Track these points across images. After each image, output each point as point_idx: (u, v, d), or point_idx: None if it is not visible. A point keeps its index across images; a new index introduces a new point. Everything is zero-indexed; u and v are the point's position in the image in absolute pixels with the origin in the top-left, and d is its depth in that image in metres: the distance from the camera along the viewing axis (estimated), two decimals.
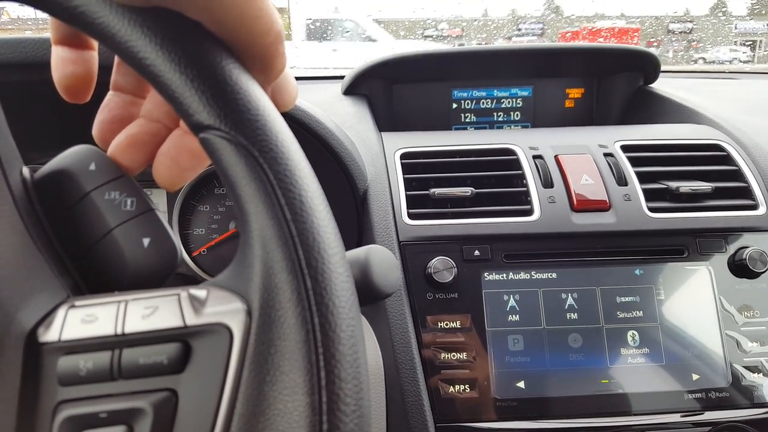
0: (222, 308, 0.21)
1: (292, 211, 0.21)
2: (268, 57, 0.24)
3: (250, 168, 0.21)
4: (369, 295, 0.29)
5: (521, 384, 0.54)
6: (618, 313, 0.57)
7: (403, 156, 0.66)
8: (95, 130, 0.28)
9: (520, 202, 0.62)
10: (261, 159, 0.21)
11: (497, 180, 0.64)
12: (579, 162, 0.64)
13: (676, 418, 0.54)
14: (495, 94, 0.96)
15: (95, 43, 0.28)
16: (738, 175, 0.65)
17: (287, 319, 0.20)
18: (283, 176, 0.21)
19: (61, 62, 0.27)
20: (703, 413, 0.54)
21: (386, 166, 0.66)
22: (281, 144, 0.22)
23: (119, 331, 0.21)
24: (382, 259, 0.30)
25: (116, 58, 0.28)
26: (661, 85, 0.92)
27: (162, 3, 0.21)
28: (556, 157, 0.65)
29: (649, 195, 0.62)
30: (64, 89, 0.27)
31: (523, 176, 0.63)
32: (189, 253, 0.76)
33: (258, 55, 0.24)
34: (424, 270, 0.57)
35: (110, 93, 0.29)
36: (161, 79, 0.21)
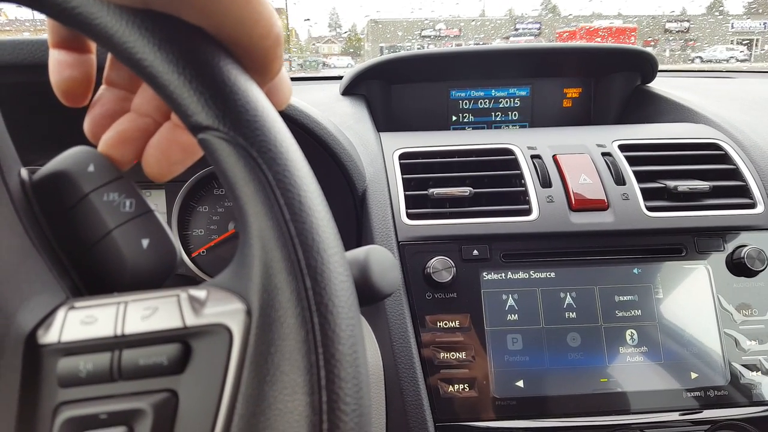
0: (222, 309, 0.21)
1: (291, 211, 0.21)
2: (266, 60, 0.24)
3: (249, 168, 0.21)
4: (368, 295, 0.29)
5: (520, 383, 0.54)
6: (616, 312, 0.57)
7: (402, 156, 0.66)
8: (86, 125, 0.28)
9: (519, 201, 0.62)
10: (260, 159, 0.21)
11: (495, 180, 0.64)
12: (577, 161, 0.64)
13: (674, 416, 0.54)
14: (493, 94, 0.96)
15: (93, 46, 0.28)
16: (736, 173, 0.65)
17: (287, 319, 0.20)
18: (282, 176, 0.21)
19: (58, 66, 0.27)
20: (701, 411, 0.54)
21: (385, 166, 0.66)
22: (280, 144, 0.22)
23: (119, 332, 0.21)
24: (382, 260, 0.30)
25: (109, 54, 0.28)
26: (659, 85, 0.92)
27: (161, 8, 0.21)
28: (554, 156, 0.65)
29: (647, 194, 0.62)
30: (62, 93, 0.27)
31: (521, 176, 0.63)
32: (188, 253, 0.76)
33: (256, 57, 0.24)
34: (423, 270, 0.57)
35: (102, 88, 0.29)
36: (159, 80, 0.21)
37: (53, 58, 0.27)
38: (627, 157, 0.65)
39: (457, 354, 0.55)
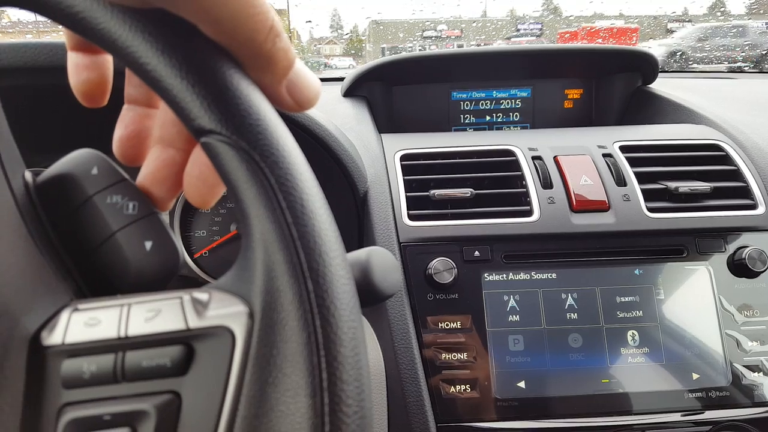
0: (224, 311, 0.21)
1: (293, 215, 0.21)
2: (268, 54, 0.24)
3: (252, 172, 0.21)
4: (370, 296, 0.29)
5: (522, 384, 0.54)
6: (618, 312, 0.57)
7: (403, 157, 0.67)
8: (115, 148, 0.28)
9: (520, 203, 0.62)
10: (262, 163, 0.21)
11: (497, 181, 0.64)
12: (578, 163, 0.64)
13: (676, 417, 0.54)
14: (494, 95, 0.96)
15: None
16: (737, 174, 0.65)
17: (289, 321, 0.20)
18: (284, 180, 0.21)
19: (75, 68, 0.27)
20: (703, 412, 0.54)
21: (386, 167, 0.66)
22: (282, 148, 0.22)
23: (122, 334, 0.21)
24: (383, 261, 0.30)
25: (126, 69, 0.28)
26: (660, 86, 0.92)
27: (158, 3, 0.21)
28: (555, 158, 0.65)
29: (648, 195, 0.62)
30: (80, 95, 0.28)
31: (522, 177, 0.63)
32: (191, 255, 0.76)
33: (258, 53, 0.24)
34: (424, 271, 0.57)
35: (125, 107, 0.29)
36: (162, 84, 0.21)
37: (71, 60, 0.27)
38: (628, 158, 0.65)
39: (459, 355, 0.55)
